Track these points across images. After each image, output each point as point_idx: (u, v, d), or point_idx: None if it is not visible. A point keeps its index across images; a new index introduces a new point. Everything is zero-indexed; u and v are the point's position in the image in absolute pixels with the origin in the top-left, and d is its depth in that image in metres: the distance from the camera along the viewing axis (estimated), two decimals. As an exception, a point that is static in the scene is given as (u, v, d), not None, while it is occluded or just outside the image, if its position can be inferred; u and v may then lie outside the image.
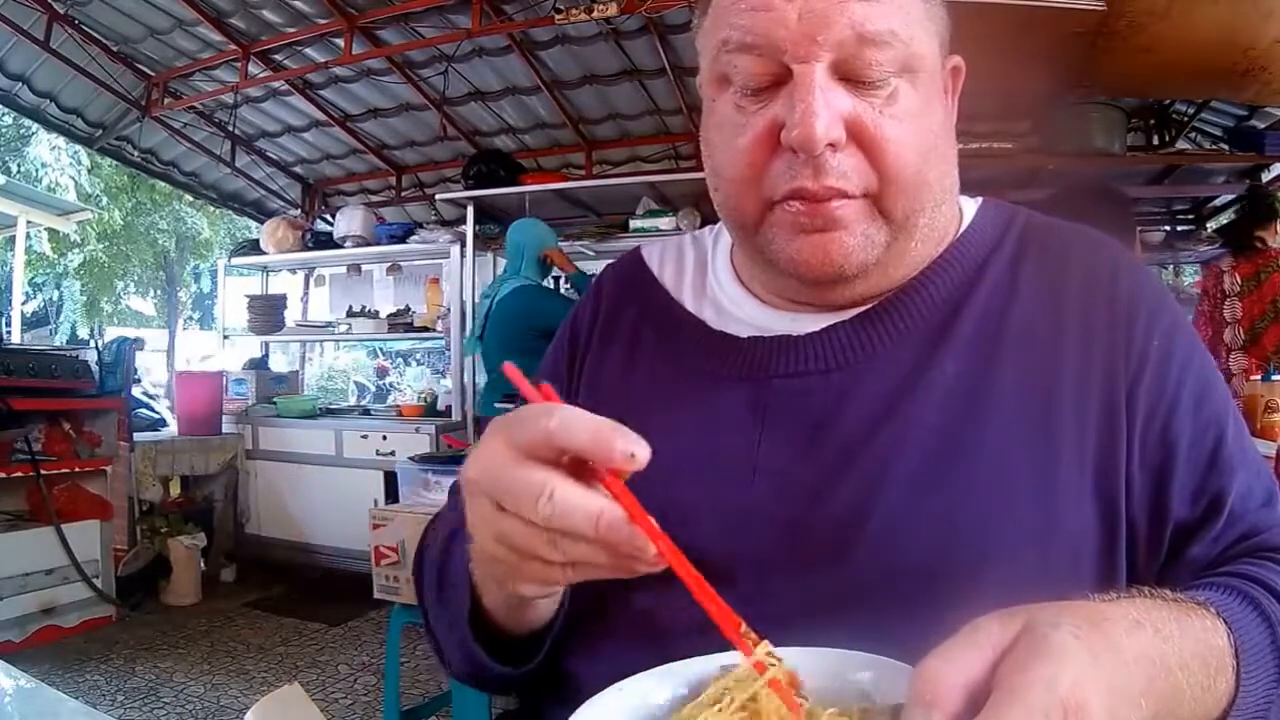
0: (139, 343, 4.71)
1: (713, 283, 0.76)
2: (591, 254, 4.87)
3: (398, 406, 5.26)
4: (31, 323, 11.97)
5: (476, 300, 4.21)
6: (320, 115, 5.25)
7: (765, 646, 0.44)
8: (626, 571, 0.46)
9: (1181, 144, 4.26)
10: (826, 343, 0.67)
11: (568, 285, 4.25)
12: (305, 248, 5.21)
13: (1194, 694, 0.46)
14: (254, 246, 5.42)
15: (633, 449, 0.43)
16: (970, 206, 0.73)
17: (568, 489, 0.44)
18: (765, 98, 0.60)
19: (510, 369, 0.48)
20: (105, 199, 12.01)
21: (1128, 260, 0.69)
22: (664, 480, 0.67)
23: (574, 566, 0.47)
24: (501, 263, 4.33)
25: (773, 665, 0.43)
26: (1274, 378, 2.76)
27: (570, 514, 0.44)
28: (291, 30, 4.39)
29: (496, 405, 3.66)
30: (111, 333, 9.17)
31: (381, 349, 12.65)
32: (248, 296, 5.44)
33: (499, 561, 0.50)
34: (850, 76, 0.58)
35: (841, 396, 0.64)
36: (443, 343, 5.47)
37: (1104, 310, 0.64)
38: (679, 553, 0.45)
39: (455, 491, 0.83)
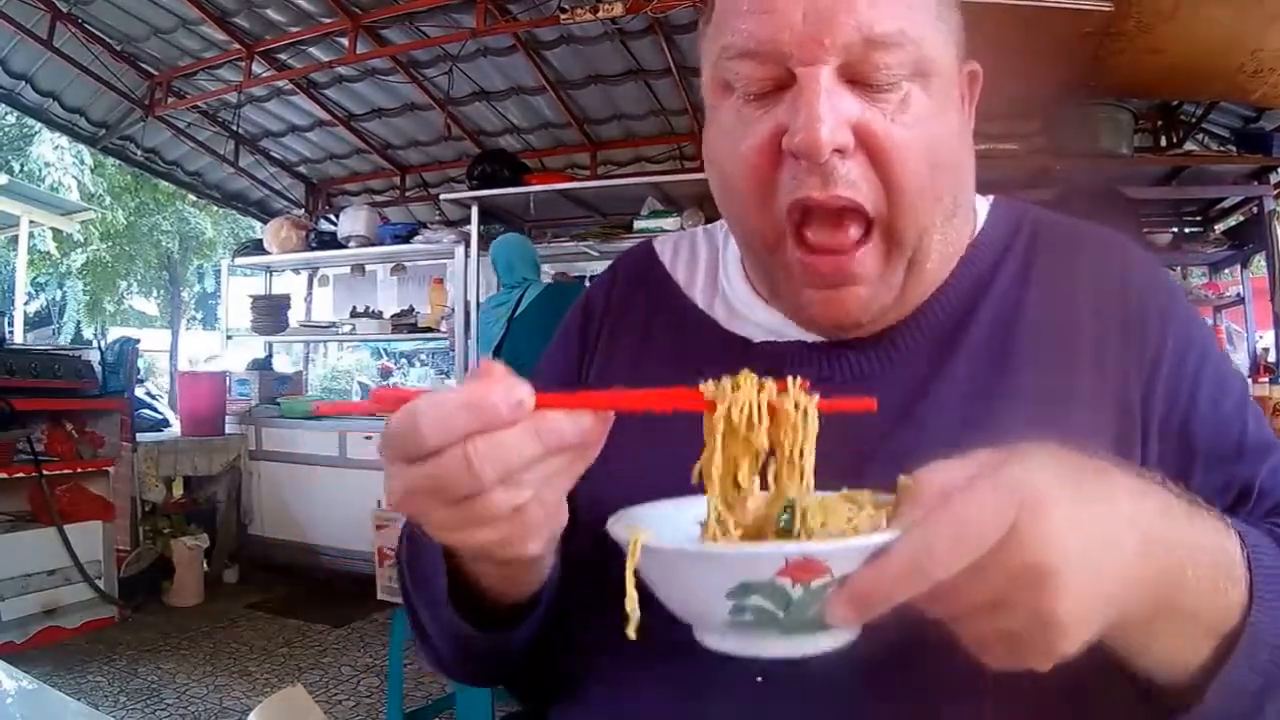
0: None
1: (724, 282, 0.74)
2: (596, 254, 4.86)
3: (401, 407, 5.23)
4: (34, 323, 12.00)
5: (479, 312, 4.20)
6: (324, 115, 5.25)
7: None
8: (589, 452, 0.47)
9: (1189, 145, 4.23)
10: (842, 354, 0.66)
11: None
12: (309, 248, 5.19)
13: (1199, 586, 0.45)
14: (257, 247, 5.41)
15: (516, 398, 0.42)
16: (983, 206, 0.72)
17: (483, 439, 0.42)
18: (769, 103, 0.58)
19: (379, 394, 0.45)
20: (108, 199, 12.03)
21: (1139, 257, 0.69)
22: (674, 483, 0.67)
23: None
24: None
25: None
26: (1283, 380, 2.74)
27: (506, 449, 0.42)
28: (295, 29, 4.39)
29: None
30: (115, 333, 9.18)
31: (385, 349, 12.64)
32: (251, 297, 5.44)
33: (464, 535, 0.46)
34: (859, 80, 0.56)
35: None
36: (447, 343, 5.46)
37: (1117, 307, 0.64)
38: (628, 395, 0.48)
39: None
